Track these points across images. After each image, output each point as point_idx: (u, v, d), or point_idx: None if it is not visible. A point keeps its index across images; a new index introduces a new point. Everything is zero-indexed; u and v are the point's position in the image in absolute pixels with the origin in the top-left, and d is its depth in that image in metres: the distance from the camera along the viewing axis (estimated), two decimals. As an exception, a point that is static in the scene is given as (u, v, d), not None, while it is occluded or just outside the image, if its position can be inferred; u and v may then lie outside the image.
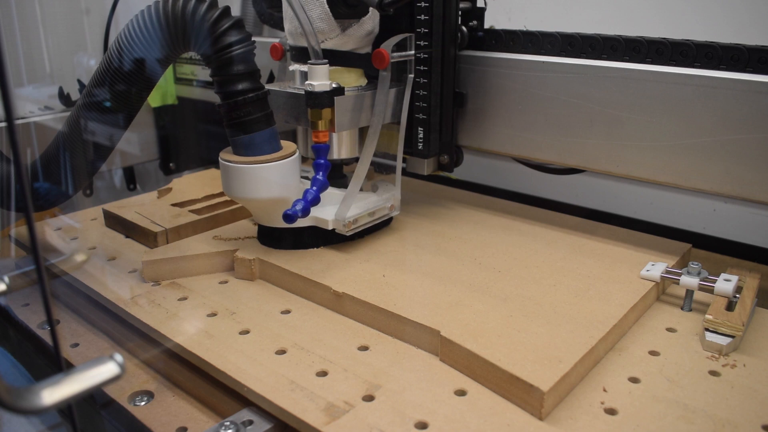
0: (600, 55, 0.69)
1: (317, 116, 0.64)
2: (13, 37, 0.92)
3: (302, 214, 0.62)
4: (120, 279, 0.68)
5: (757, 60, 0.60)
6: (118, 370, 0.26)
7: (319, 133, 0.65)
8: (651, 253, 0.68)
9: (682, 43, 0.64)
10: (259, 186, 0.63)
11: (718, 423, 0.45)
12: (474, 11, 0.79)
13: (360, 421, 0.45)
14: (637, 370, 0.51)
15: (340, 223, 0.66)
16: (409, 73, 0.72)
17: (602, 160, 0.70)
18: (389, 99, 0.71)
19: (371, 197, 0.73)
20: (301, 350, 0.54)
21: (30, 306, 0.69)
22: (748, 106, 0.59)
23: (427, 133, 0.74)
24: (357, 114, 0.69)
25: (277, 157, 0.63)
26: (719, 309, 0.56)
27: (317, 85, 0.63)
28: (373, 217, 0.71)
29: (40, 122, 0.99)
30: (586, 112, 0.69)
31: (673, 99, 0.63)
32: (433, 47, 0.71)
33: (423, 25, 0.70)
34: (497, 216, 0.80)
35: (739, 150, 0.61)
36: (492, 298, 0.59)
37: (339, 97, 0.65)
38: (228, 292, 0.65)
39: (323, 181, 0.65)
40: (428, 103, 0.73)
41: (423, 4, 0.69)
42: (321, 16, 0.66)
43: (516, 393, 0.47)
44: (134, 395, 0.54)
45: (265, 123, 0.63)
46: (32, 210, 0.29)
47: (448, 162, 0.78)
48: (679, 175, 0.65)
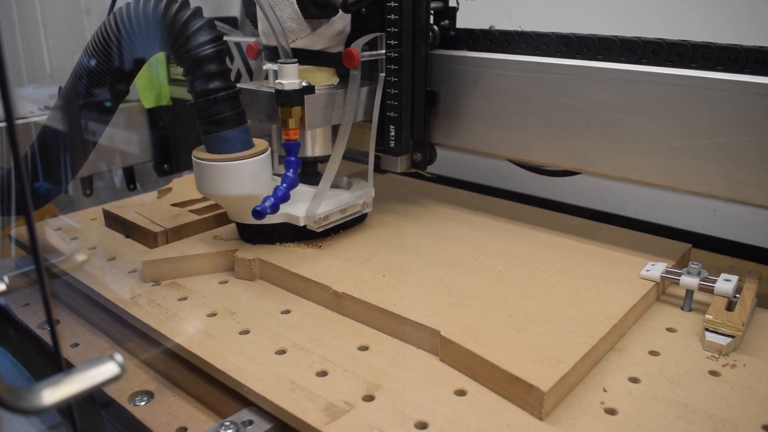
0: (595, 56, 0.68)
1: (287, 114, 0.65)
2: (13, 37, 0.92)
3: (271, 211, 0.63)
4: (120, 279, 0.68)
5: (754, 61, 0.60)
6: (118, 370, 0.26)
7: (289, 131, 0.66)
8: (651, 253, 0.68)
9: (679, 43, 0.63)
10: (231, 183, 0.64)
11: (718, 423, 0.45)
12: (446, 11, 0.80)
13: (360, 421, 0.45)
14: (637, 370, 0.51)
15: (311, 220, 0.67)
16: (380, 71, 0.73)
17: (598, 163, 0.69)
18: (361, 97, 0.72)
19: (344, 194, 0.74)
20: (301, 350, 0.54)
21: (30, 306, 0.69)
22: (746, 108, 0.59)
23: (398, 131, 0.75)
24: (329, 112, 0.70)
25: (248, 154, 0.64)
26: (719, 309, 0.56)
27: (287, 84, 0.64)
28: (345, 214, 0.72)
29: (40, 122, 0.99)
30: (581, 114, 0.68)
31: (670, 100, 0.63)
32: (403, 46, 0.71)
33: (393, 25, 0.71)
34: (497, 216, 0.80)
35: (736, 152, 0.60)
36: (492, 298, 0.59)
37: (309, 95, 0.66)
38: (228, 292, 0.65)
39: (293, 179, 0.66)
40: (399, 101, 0.74)
41: (393, 3, 0.70)
42: (291, 16, 0.67)
43: (516, 393, 0.47)
44: (134, 395, 0.54)
45: (237, 121, 0.64)
46: (32, 210, 0.29)
47: (421, 160, 0.79)
48: (676, 178, 0.64)
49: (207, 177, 0.64)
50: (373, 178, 0.75)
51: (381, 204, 0.85)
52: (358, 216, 0.75)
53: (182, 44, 0.61)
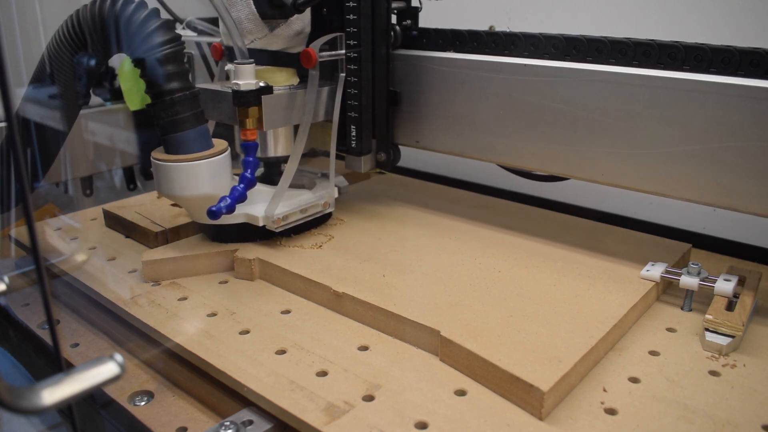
0: (584, 58, 0.66)
1: (244, 115, 0.65)
2: (13, 37, 0.92)
3: (227, 211, 0.64)
4: (120, 279, 0.68)
5: (748, 63, 0.57)
6: (118, 370, 0.26)
7: (247, 132, 0.66)
8: (651, 253, 0.68)
9: (671, 45, 0.61)
10: (190, 183, 0.64)
11: (718, 423, 0.45)
12: (408, 10, 0.79)
13: (360, 421, 0.45)
14: (637, 370, 0.51)
15: (269, 220, 0.68)
16: (340, 72, 0.73)
17: (586, 169, 0.67)
18: (321, 97, 0.73)
19: (305, 194, 0.73)
20: (301, 350, 0.54)
21: (30, 306, 0.69)
22: (739, 113, 0.56)
23: (359, 131, 0.75)
24: (288, 112, 0.70)
25: (207, 154, 0.64)
26: (719, 309, 0.56)
27: (243, 84, 0.64)
28: (305, 214, 0.72)
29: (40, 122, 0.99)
30: (567, 118, 0.66)
31: (660, 104, 0.60)
32: (362, 46, 0.71)
33: (352, 25, 0.71)
34: (497, 216, 0.80)
35: (730, 159, 0.58)
36: (492, 298, 0.59)
37: (267, 95, 0.66)
38: (228, 292, 0.65)
39: (250, 179, 0.66)
40: (359, 101, 0.74)
41: (351, 3, 0.70)
42: (248, 17, 0.67)
43: (516, 393, 0.47)
44: (134, 395, 0.54)
45: (195, 121, 0.63)
46: (32, 210, 0.29)
47: (385, 159, 0.79)
48: (667, 185, 0.62)
49: (165, 178, 0.64)
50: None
51: (381, 204, 0.85)
52: (320, 216, 0.75)
53: (138, 45, 0.61)
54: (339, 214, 0.80)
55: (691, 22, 0.88)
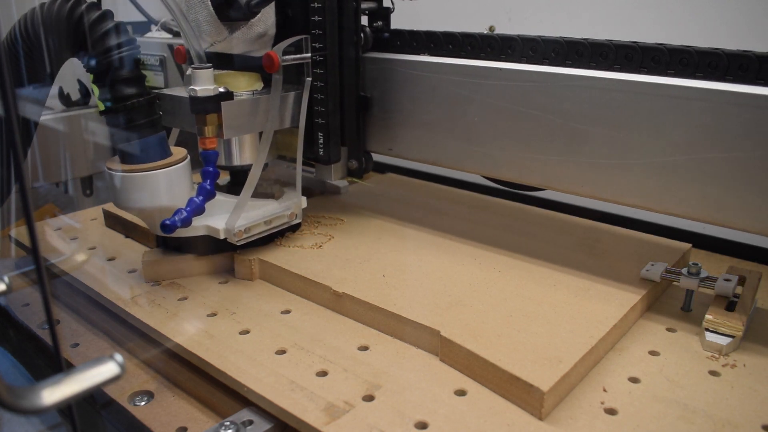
0: (563, 61, 0.62)
1: (202, 122, 0.62)
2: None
3: (181, 225, 0.60)
4: (120, 279, 0.68)
5: (737, 67, 0.53)
6: (118, 370, 0.26)
7: (205, 140, 0.62)
8: (651, 253, 0.68)
9: (654, 47, 0.57)
10: (146, 195, 0.60)
11: (718, 423, 0.45)
12: (380, 12, 0.76)
13: (360, 421, 0.45)
14: (637, 370, 0.51)
15: (230, 233, 0.64)
16: (306, 76, 0.69)
17: (565, 180, 0.63)
18: (287, 103, 0.69)
19: (270, 204, 0.70)
20: (301, 350, 0.54)
21: (30, 306, 0.69)
22: (727, 121, 0.52)
23: (326, 138, 0.72)
24: (251, 119, 0.67)
25: (163, 164, 0.61)
26: (719, 309, 0.56)
27: (200, 90, 0.61)
28: (270, 226, 0.69)
29: (41, 122, 0.99)
30: (544, 126, 0.63)
31: (643, 111, 0.56)
32: (328, 49, 0.68)
33: (317, 26, 0.67)
34: (497, 216, 0.80)
35: (716, 170, 0.54)
36: (492, 298, 0.59)
37: (227, 101, 0.63)
38: (228, 292, 0.65)
39: (209, 190, 0.63)
40: (326, 107, 0.70)
41: (316, 4, 0.67)
42: (206, 19, 0.64)
43: (516, 393, 0.47)
44: (134, 395, 0.54)
45: (151, 129, 0.60)
46: (32, 210, 0.29)
47: (356, 167, 0.76)
48: (650, 198, 0.58)
49: (120, 189, 0.60)
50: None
51: (381, 204, 0.85)
52: (287, 227, 0.71)
53: (90, 49, 0.57)
54: (339, 214, 0.80)
55: (688, 23, 0.88)
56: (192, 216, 0.61)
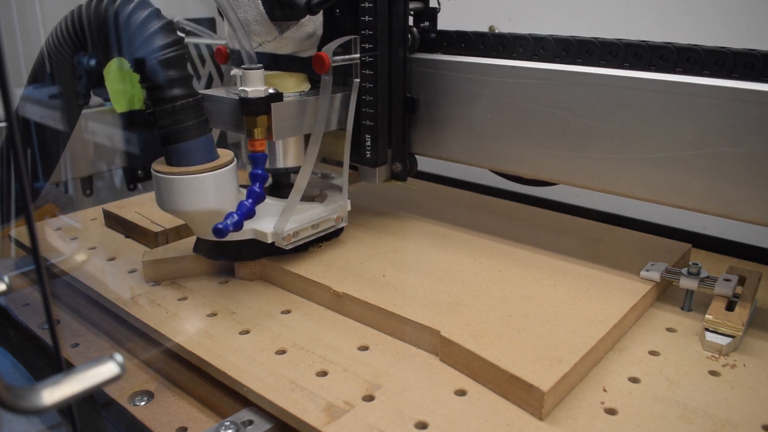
0: (574, 60, 0.64)
1: (252, 124, 0.61)
2: (13, 37, 0.92)
3: (234, 228, 0.59)
4: (120, 279, 0.68)
5: (743, 65, 0.55)
6: (118, 370, 0.26)
7: (255, 142, 0.61)
8: (651, 253, 0.68)
9: (662, 46, 0.59)
10: (193, 198, 0.59)
11: (718, 423, 0.45)
12: (426, 12, 0.75)
13: (360, 421, 0.45)
14: (637, 370, 0.51)
15: (279, 236, 0.63)
16: (354, 77, 0.68)
17: (576, 174, 0.64)
18: (334, 104, 0.68)
19: (316, 208, 0.69)
20: (301, 350, 0.54)
21: (30, 306, 0.69)
22: (733, 117, 0.54)
23: (374, 141, 0.71)
24: (299, 121, 0.66)
25: (211, 167, 0.60)
26: (719, 309, 0.56)
27: (251, 91, 0.60)
28: (317, 230, 0.67)
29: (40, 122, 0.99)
30: (557, 122, 0.64)
31: (652, 108, 0.58)
32: (378, 50, 0.67)
33: (367, 27, 0.66)
34: (497, 216, 0.80)
35: (723, 164, 0.56)
36: (492, 298, 0.59)
37: (277, 103, 0.62)
38: (228, 292, 0.65)
39: (259, 193, 0.61)
40: (375, 108, 0.69)
41: (367, 4, 0.65)
42: (256, 18, 0.63)
43: (516, 393, 0.47)
44: (134, 395, 0.54)
45: (199, 131, 0.59)
46: (32, 210, 0.29)
47: (401, 170, 0.75)
48: (659, 191, 0.60)
49: (167, 191, 0.59)
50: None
51: (381, 204, 0.85)
52: (333, 231, 0.70)
53: (138, 48, 0.56)
54: (339, 214, 0.80)
55: (687, 23, 0.88)
56: (243, 219, 0.60)
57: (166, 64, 0.57)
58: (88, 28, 0.59)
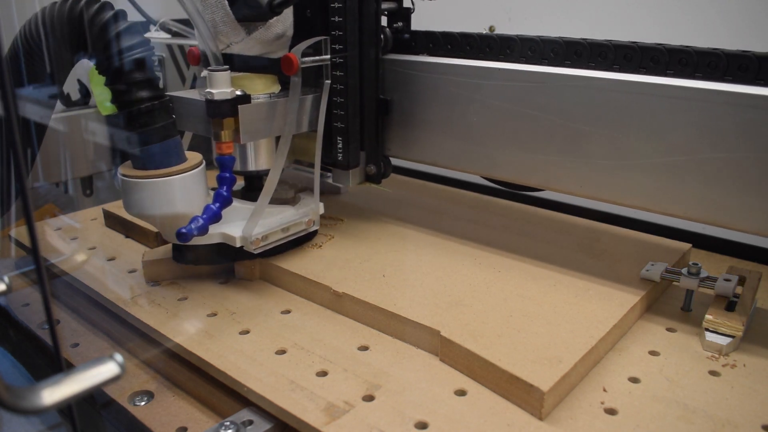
0: (563, 62, 0.61)
1: (219, 126, 0.60)
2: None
3: (198, 233, 0.58)
4: (120, 279, 0.68)
5: (736, 67, 0.53)
6: (118, 370, 0.26)
7: (222, 145, 0.60)
8: (651, 253, 0.68)
9: (653, 47, 0.57)
10: (160, 201, 0.58)
11: (718, 423, 0.45)
12: (400, 12, 0.74)
13: (360, 421, 0.45)
14: (637, 370, 0.51)
15: (247, 240, 0.62)
16: (325, 78, 0.67)
17: (564, 180, 0.62)
18: (305, 106, 0.67)
19: (287, 211, 0.68)
20: (301, 350, 0.54)
21: (30, 306, 0.69)
22: (726, 121, 0.52)
23: (346, 143, 0.70)
24: (268, 123, 0.64)
25: (179, 170, 0.59)
26: (719, 309, 0.56)
27: (216, 93, 0.59)
28: (287, 233, 0.66)
29: (40, 122, 0.99)
30: (545, 126, 0.62)
31: (642, 112, 0.56)
32: (348, 51, 0.66)
33: (337, 27, 0.65)
34: (497, 216, 0.80)
35: (716, 171, 0.53)
36: (492, 298, 0.59)
37: (244, 105, 0.61)
38: (228, 292, 0.65)
39: (226, 197, 0.61)
40: (346, 110, 0.68)
41: (336, 4, 0.64)
42: (223, 20, 0.62)
43: (516, 393, 0.47)
44: (134, 395, 0.54)
45: (166, 133, 0.58)
46: (32, 210, 0.29)
47: (375, 173, 0.74)
48: (649, 198, 0.58)
49: (133, 195, 0.58)
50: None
51: (381, 204, 0.85)
52: (305, 235, 0.69)
53: (102, 50, 0.56)
54: (339, 214, 0.80)
55: (689, 23, 0.88)
56: (209, 224, 0.59)
57: (131, 66, 0.56)
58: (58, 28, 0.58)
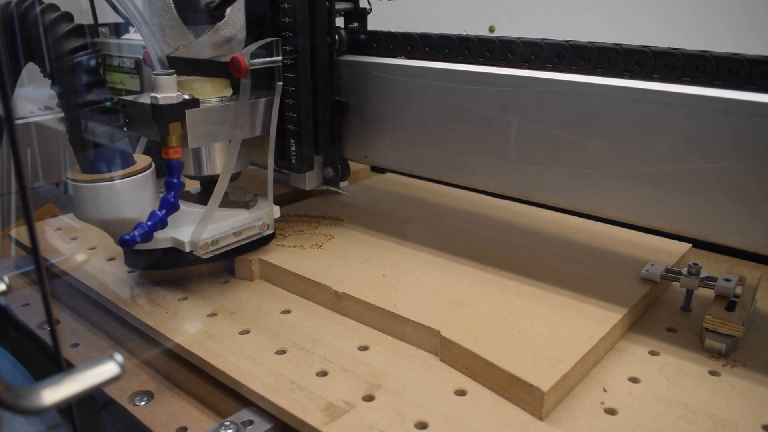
0: (544, 65, 0.59)
1: (165, 131, 0.58)
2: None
3: (141, 240, 0.57)
4: (120, 279, 0.68)
5: (726, 71, 0.50)
6: (118, 370, 0.26)
7: (168, 150, 0.59)
8: (651, 253, 0.68)
9: (638, 50, 0.54)
10: (106, 206, 0.57)
11: (718, 423, 0.45)
12: (356, 12, 0.73)
13: (360, 421, 0.45)
14: (637, 370, 0.51)
15: (196, 245, 0.61)
16: (277, 80, 0.65)
17: (544, 190, 0.60)
18: (258, 109, 0.66)
19: (241, 215, 0.66)
20: (301, 350, 0.54)
21: (30, 306, 0.69)
22: (715, 129, 0.49)
23: (299, 146, 0.68)
24: (218, 127, 0.63)
25: (125, 173, 0.57)
26: (719, 309, 0.56)
27: (161, 98, 0.57)
28: (239, 237, 0.65)
29: (40, 122, 0.99)
30: (523, 133, 0.59)
31: (626, 119, 0.53)
32: (299, 52, 0.65)
33: (287, 28, 0.64)
34: (497, 215, 0.80)
35: (704, 182, 0.51)
36: (492, 298, 0.59)
37: (192, 109, 0.59)
38: (228, 292, 0.65)
39: (173, 203, 0.59)
40: (298, 112, 0.67)
41: (286, 5, 0.63)
42: (170, 23, 0.61)
43: (516, 393, 0.47)
44: (134, 395, 0.54)
45: (112, 137, 0.57)
46: (32, 210, 0.29)
47: (332, 176, 0.73)
48: (633, 211, 0.55)
49: (80, 200, 0.57)
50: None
51: (381, 204, 0.85)
52: (259, 239, 0.68)
53: (47, 52, 0.54)
54: (339, 214, 0.80)
55: (692, 23, 0.88)
56: (153, 230, 0.58)
57: (77, 68, 0.55)
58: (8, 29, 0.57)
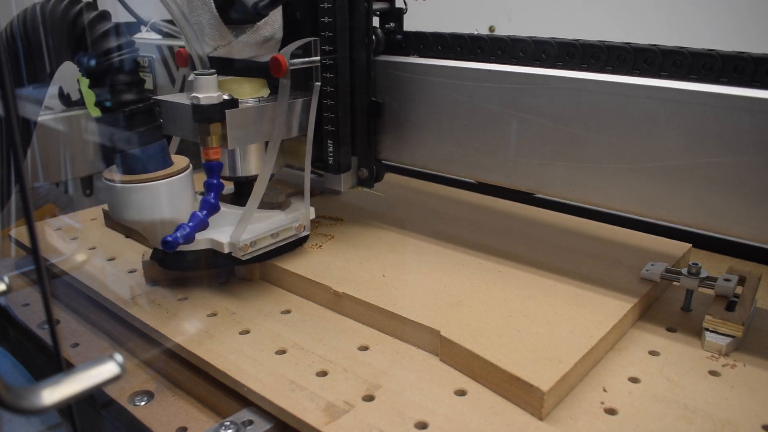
0: (554, 63, 0.60)
1: (206, 131, 0.58)
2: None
3: (183, 241, 0.57)
4: (120, 279, 0.68)
5: (732, 69, 0.51)
6: (118, 370, 0.26)
7: (209, 150, 0.59)
8: (651, 253, 0.68)
9: (647, 48, 0.55)
10: (145, 207, 0.57)
11: (718, 423, 0.45)
12: (392, 12, 0.72)
13: (360, 421, 0.45)
14: (637, 370, 0.51)
15: (235, 247, 0.61)
16: (315, 80, 0.65)
17: (556, 184, 0.61)
18: (295, 110, 0.65)
19: (277, 216, 0.67)
20: (301, 350, 0.54)
21: (30, 306, 0.69)
22: (722, 125, 0.50)
23: (336, 147, 0.68)
24: (257, 127, 0.63)
25: (164, 174, 0.57)
26: (719, 309, 0.56)
27: (203, 98, 0.57)
28: (277, 239, 0.65)
29: (40, 122, 0.99)
30: (536, 129, 0.61)
31: (635, 115, 0.55)
32: (338, 52, 0.65)
33: (327, 28, 0.64)
34: (497, 216, 0.80)
35: (712, 176, 0.52)
36: (492, 298, 0.59)
37: (232, 110, 0.59)
38: (228, 292, 0.65)
39: (213, 204, 0.59)
40: (336, 113, 0.67)
41: (326, 5, 0.63)
42: (210, 22, 0.60)
43: (516, 393, 0.47)
44: (134, 395, 0.54)
45: (151, 137, 0.57)
46: (32, 210, 0.29)
47: (367, 177, 0.73)
48: (643, 204, 0.57)
49: (118, 200, 0.57)
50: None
51: (381, 204, 0.85)
52: (295, 240, 0.68)
53: (87, 50, 0.54)
54: (339, 214, 0.80)
55: (697, 22, 0.88)
56: (195, 231, 0.58)
57: (116, 68, 0.54)
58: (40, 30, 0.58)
